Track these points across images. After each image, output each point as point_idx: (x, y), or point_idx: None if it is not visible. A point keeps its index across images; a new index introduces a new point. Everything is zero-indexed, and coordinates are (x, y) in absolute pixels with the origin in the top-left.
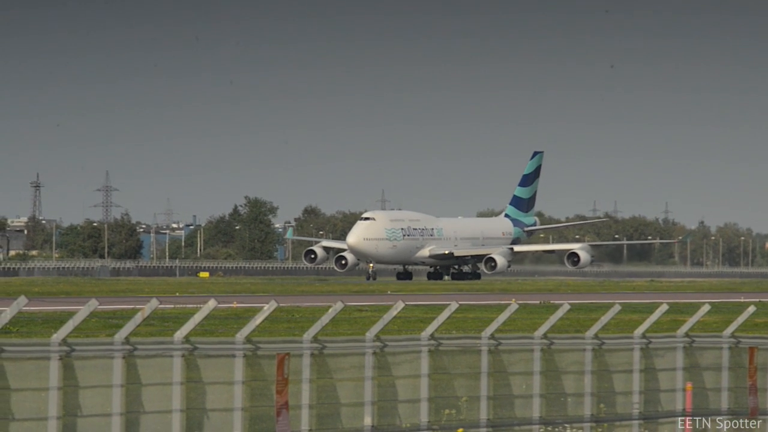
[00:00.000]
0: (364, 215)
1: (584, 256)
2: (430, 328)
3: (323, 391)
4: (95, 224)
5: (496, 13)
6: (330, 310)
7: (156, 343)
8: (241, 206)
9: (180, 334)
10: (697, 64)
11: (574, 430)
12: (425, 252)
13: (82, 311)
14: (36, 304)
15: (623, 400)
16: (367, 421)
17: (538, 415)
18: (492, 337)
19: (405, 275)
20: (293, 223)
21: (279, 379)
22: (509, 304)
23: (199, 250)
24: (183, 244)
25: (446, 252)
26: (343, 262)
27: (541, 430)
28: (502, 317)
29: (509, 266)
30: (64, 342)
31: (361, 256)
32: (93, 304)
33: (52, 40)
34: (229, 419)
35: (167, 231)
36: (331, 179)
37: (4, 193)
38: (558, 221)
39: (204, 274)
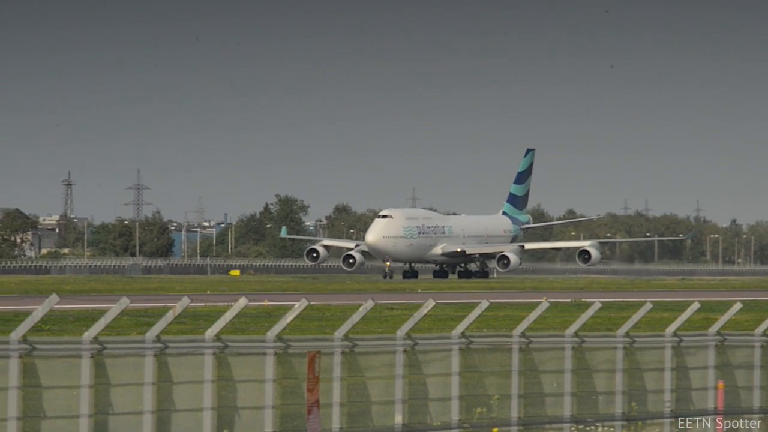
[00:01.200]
0: (381, 213)
1: (595, 253)
2: (461, 327)
3: (354, 389)
4: (127, 222)
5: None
6: (361, 308)
7: (187, 341)
8: (272, 204)
9: (211, 332)
10: (730, 61)
11: (606, 428)
12: (438, 250)
13: (114, 309)
14: (67, 303)
15: (654, 399)
16: (398, 419)
17: (570, 414)
18: (523, 335)
19: (411, 274)
20: (324, 221)
21: (310, 377)
22: (540, 303)
23: (230, 248)
24: (214, 242)
25: (458, 250)
26: (351, 261)
27: (573, 428)
28: (533, 315)
29: (521, 264)
30: (95, 340)
31: (380, 254)
32: (124, 303)
33: (79, 38)
34: (260, 417)
35: (198, 229)
36: (362, 177)
37: (36, 191)
38: (589, 219)
39: (235, 272)
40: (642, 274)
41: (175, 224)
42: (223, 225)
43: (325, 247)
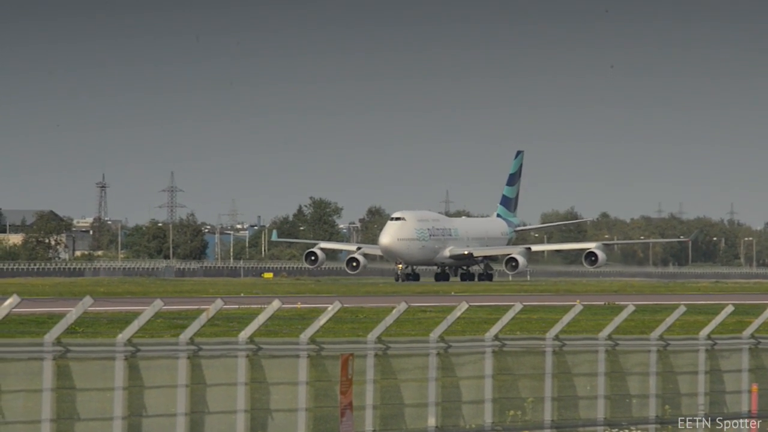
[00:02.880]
0: (394, 215)
1: (602, 255)
2: (494, 329)
3: (387, 391)
4: (160, 225)
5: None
6: (394, 310)
7: (220, 343)
8: (305, 206)
9: (244, 334)
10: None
11: (639, 431)
12: (446, 252)
13: (147, 312)
14: (101, 305)
15: (688, 402)
16: (431, 421)
17: (603, 417)
18: (556, 338)
19: (413, 276)
20: (357, 224)
21: (343, 379)
22: (573, 306)
23: (263, 251)
24: (247, 244)
25: (465, 252)
26: (354, 264)
27: (606, 431)
28: (567, 318)
29: (527, 266)
30: (129, 342)
31: (394, 256)
32: (158, 305)
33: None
34: (293, 419)
35: (232, 231)
36: (396, 180)
37: (70, 193)
38: (623, 222)
39: (268, 275)
40: (676, 276)
41: (208, 227)
42: (256, 227)
43: (323, 250)
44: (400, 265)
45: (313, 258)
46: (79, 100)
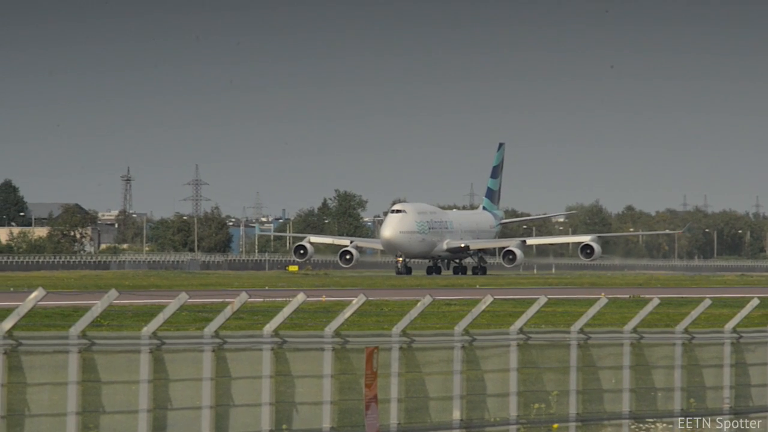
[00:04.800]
0: (395, 207)
1: (597, 248)
2: (519, 322)
3: (412, 384)
4: (185, 218)
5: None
6: (419, 303)
7: (245, 336)
8: (330, 199)
9: (269, 327)
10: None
11: (664, 424)
12: (443, 245)
13: (172, 305)
14: (126, 298)
15: (713, 395)
16: (456, 415)
17: (628, 410)
18: (581, 331)
19: (406, 270)
20: (382, 217)
21: (368, 372)
22: (598, 299)
23: (288, 244)
24: (272, 237)
25: (462, 245)
26: (348, 257)
27: (631, 424)
28: (592, 311)
29: (524, 259)
30: (154, 335)
31: (395, 249)
32: (183, 298)
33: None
34: (318, 412)
35: (257, 224)
36: (420, 173)
37: (95, 186)
38: (648, 215)
39: (293, 268)
40: (701, 270)
41: (233, 219)
42: (281, 220)
43: (312, 243)
44: (400, 258)
45: (302, 252)
46: (104, 94)
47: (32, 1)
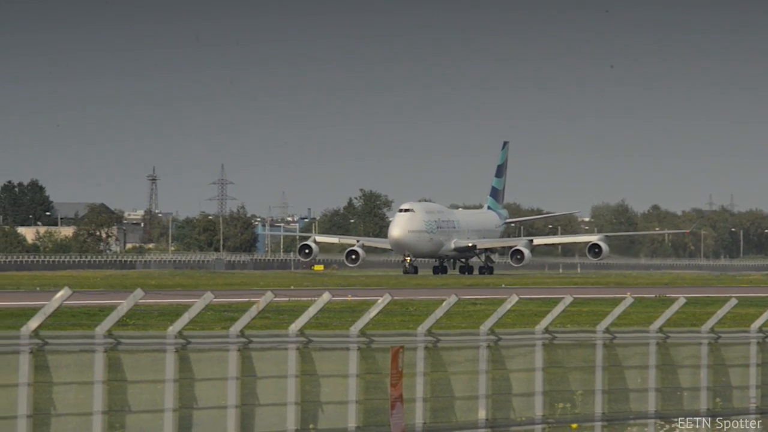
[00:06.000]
0: (403, 207)
1: (605, 247)
2: (545, 322)
3: (437, 384)
4: (211, 217)
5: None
6: (444, 303)
7: (271, 335)
8: (355, 199)
9: (295, 326)
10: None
11: (690, 424)
12: (451, 244)
13: (198, 304)
14: (152, 297)
15: (740, 395)
16: (481, 414)
17: (654, 410)
18: (607, 330)
19: (413, 269)
20: None
21: (393, 372)
22: (624, 298)
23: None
24: (297, 237)
25: (469, 245)
26: (354, 256)
27: (657, 424)
28: (617, 311)
29: (531, 258)
30: (179, 334)
31: (403, 248)
32: (208, 297)
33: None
34: (344, 412)
35: (282, 224)
36: (446, 172)
37: (121, 186)
38: (674, 215)
39: (318, 267)
40: (727, 269)
41: (258, 219)
42: (306, 220)
43: (317, 242)
44: (408, 258)
45: (307, 251)
46: (130, 93)
47: (68, 3)
